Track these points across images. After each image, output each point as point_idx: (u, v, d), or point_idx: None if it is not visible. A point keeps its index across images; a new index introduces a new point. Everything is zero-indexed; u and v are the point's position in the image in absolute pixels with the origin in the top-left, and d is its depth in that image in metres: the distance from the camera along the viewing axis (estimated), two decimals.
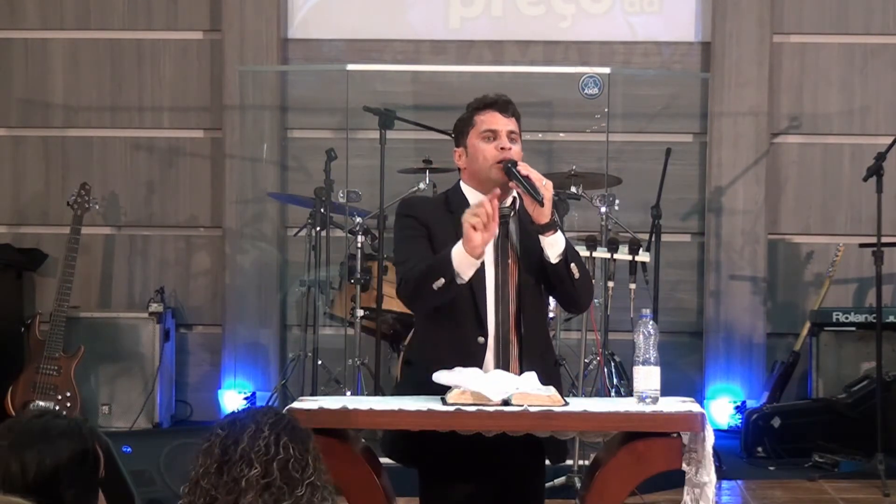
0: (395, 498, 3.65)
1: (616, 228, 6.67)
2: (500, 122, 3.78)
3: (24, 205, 7.86)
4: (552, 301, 5.15)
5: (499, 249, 3.74)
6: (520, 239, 3.77)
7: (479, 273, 3.68)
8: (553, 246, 3.69)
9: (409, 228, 3.82)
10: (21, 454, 2.65)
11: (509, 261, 3.75)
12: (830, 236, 7.61)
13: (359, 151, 7.07)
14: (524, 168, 3.68)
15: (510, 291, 3.73)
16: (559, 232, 3.70)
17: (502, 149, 3.74)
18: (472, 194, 3.81)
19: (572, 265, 3.71)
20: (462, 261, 3.57)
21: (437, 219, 3.80)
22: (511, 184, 3.71)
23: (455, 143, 3.88)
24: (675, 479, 3.79)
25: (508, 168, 3.70)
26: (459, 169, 3.89)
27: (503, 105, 3.81)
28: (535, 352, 3.77)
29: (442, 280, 3.59)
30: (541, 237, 3.69)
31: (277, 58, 7.66)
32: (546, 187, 3.65)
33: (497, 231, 3.61)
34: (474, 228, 3.54)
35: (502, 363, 3.69)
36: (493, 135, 3.77)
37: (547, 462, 3.86)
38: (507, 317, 3.72)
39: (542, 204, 3.62)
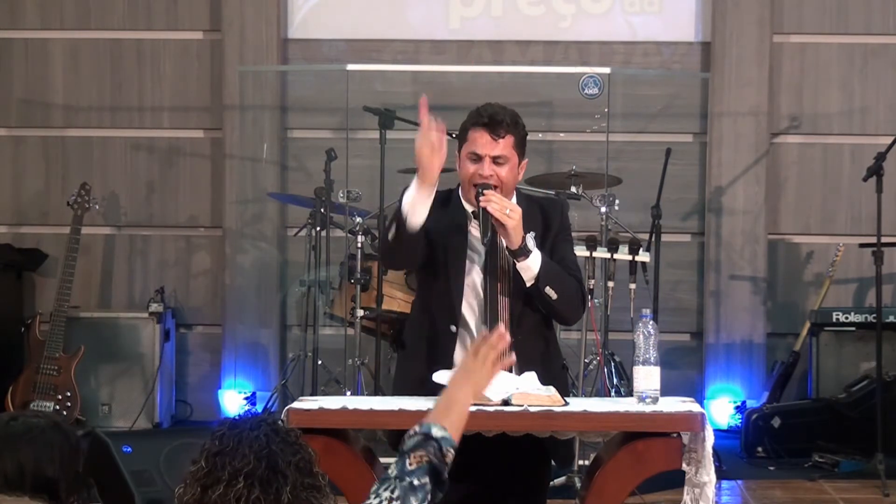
0: None
1: (616, 228, 6.67)
2: (487, 147, 3.79)
3: (24, 205, 7.85)
4: None
5: (487, 260, 3.80)
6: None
7: (458, 267, 3.79)
8: (526, 271, 3.77)
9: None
10: (2, 457, 2.69)
11: (499, 271, 3.81)
12: (830, 236, 7.60)
13: (359, 151, 7.07)
14: (484, 200, 3.71)
15: (499, 301, 3.81)
16: (531, 257, 3.74)
17: (480, 175, 3.78)
18: (463, 201, 3.89)
19: (547, 289, 3.75)
20: (415, 198, 3.63)
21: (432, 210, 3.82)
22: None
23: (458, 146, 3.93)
24: (675, 479, 3.79)
25: (477, 193, 3.75)
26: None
27: (494, 126, 3.79)
28: (531, 357, 3.78)
29: (394, 227, 3.69)
30: (515, 262, 3.76)
31: (277, 58, 7.65)
32: (510, 216, 3.70)
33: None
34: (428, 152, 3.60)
35: None
36: (477, 157, 3.81)
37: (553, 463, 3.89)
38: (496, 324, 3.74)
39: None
